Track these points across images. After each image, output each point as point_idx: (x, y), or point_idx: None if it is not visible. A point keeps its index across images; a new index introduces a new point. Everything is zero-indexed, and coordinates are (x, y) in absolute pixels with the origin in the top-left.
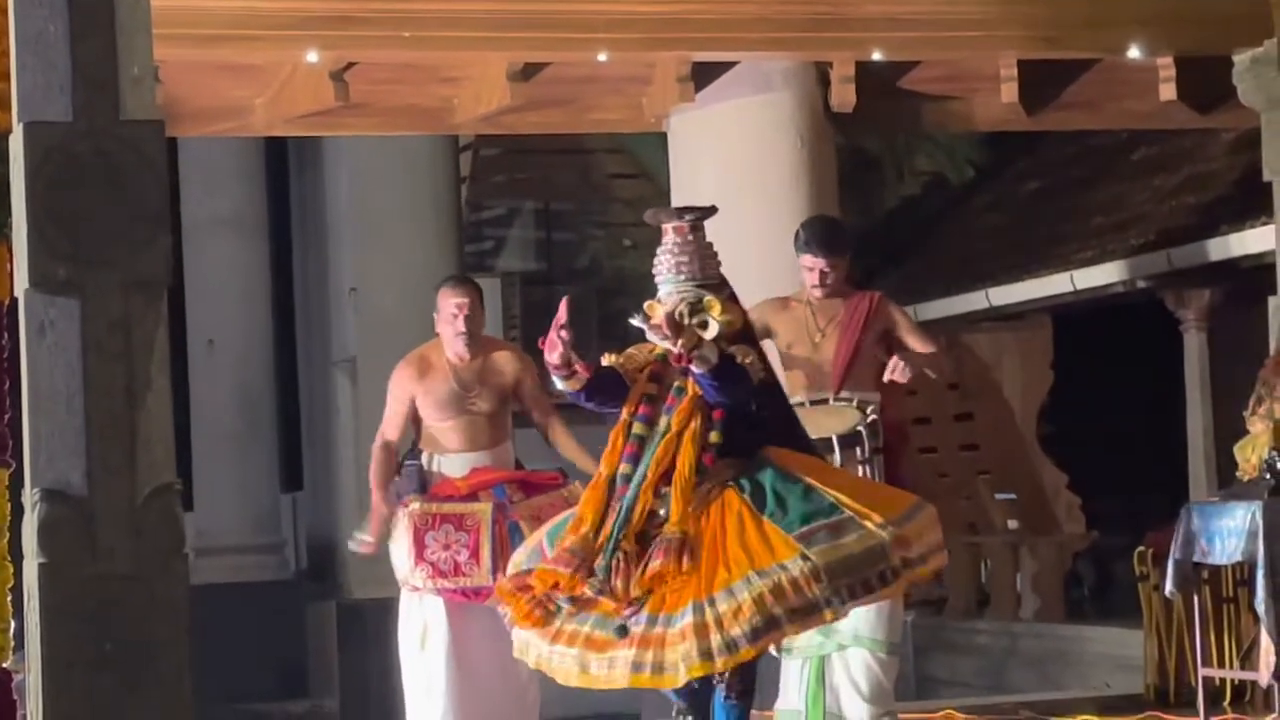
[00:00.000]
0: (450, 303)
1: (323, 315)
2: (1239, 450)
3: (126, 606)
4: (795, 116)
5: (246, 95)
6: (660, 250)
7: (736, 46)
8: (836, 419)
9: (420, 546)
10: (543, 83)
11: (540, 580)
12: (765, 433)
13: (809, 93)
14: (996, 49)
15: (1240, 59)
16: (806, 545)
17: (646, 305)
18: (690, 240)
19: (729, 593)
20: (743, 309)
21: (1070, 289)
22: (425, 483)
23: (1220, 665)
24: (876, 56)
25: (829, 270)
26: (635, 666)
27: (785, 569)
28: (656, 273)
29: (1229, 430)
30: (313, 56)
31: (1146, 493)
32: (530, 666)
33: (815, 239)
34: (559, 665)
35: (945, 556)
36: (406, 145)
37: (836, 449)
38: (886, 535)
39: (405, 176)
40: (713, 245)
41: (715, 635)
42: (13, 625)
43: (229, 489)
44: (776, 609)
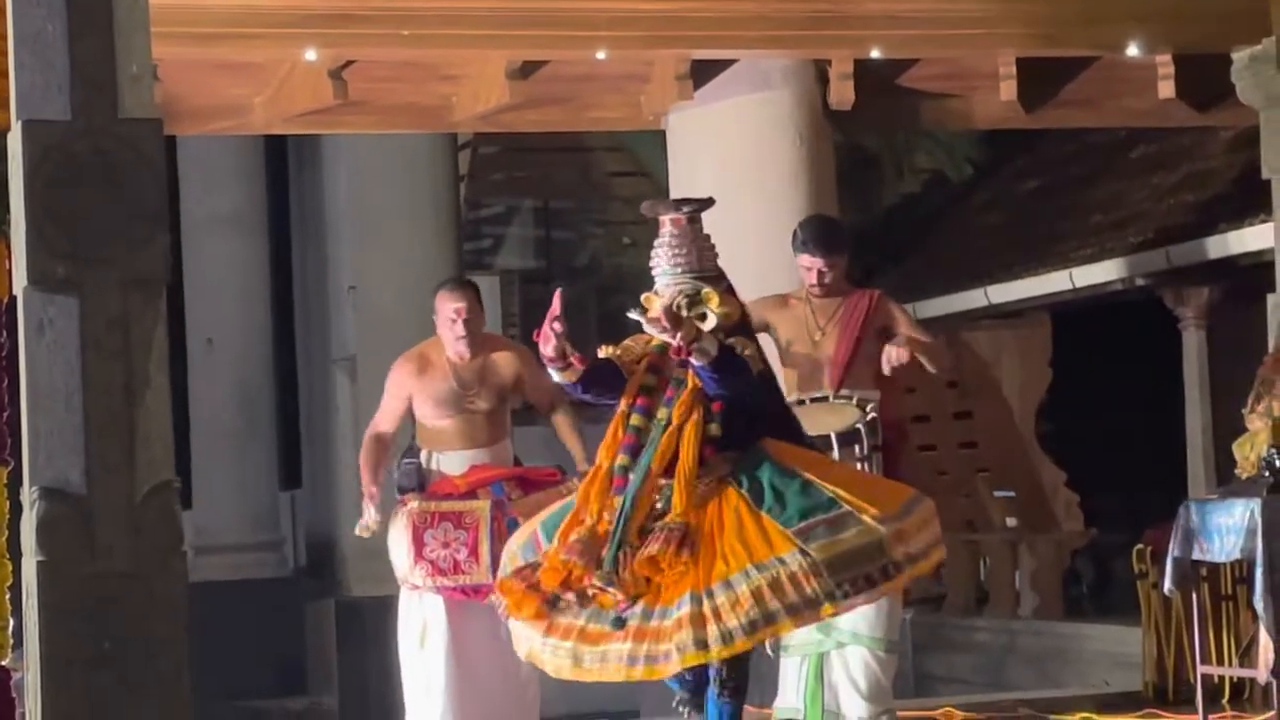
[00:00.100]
0: (449, 307)
1: (322, 313)
2: (1238, 448)
3: (125, 604)
4: (794, 114)
5: (245, 93)
6: (657, 243)
7: (735, 44)
8: (836, 417)
9: (419, 544)
10: (541, 81)
11: (551, 576)
12: (763, 425)
13: (808, 90)
14: (995, 47)
15: (1239, 57)
16: (805, 540)
17: (644, 298)
18: (687, 232)
19: (727, 585)
20: (740, 301)
21: (1069, 287)
22: (424, 481)
23: (1219, 663)
24: (875, 54)
25: (827, 270)
26: (629, 660)
27: (784, 563)
28: (654, 265)
29: (1228, 428)
30: (311, 55)
31: (1145, 490)
32: (521, 658)
33: (813, 239)
34: (551, 658)
35: (944, 550)
36: (405, 143)
37: (835, 447)
38: (885, 530)
39: (404, 174)
40: (710, 237)
41: (712, 626)
42: (12, 623)
43: (228, 487)
44: (774, 604)
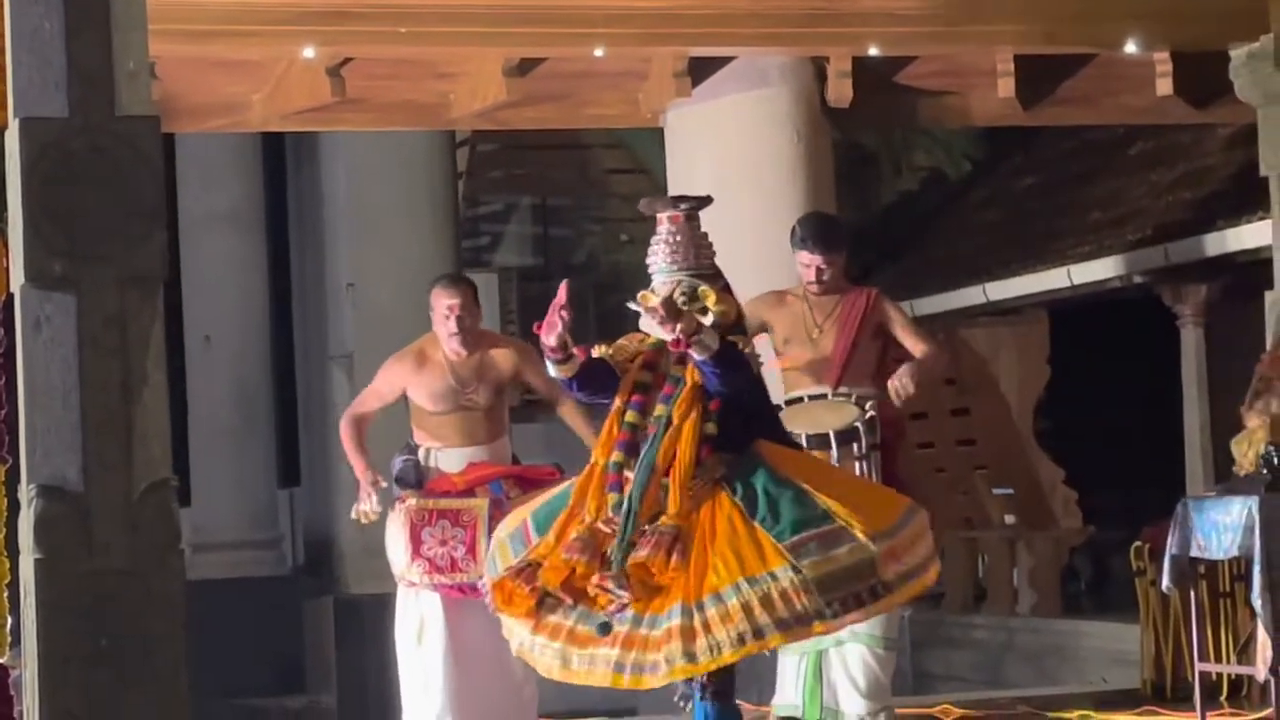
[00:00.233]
0: (443, 303)
1: (320, 310)
2: (1236, 445)
3: (123, 602)
4: (792, 112)
5: (243, 91)
6: (654, 240)
7: (733, 42)
8: (834, 415)
9: (416, 542)
10: (539, 78)
11: (553, 575)
12: (759, 426)
13: (805, 88)
14: (993, 44)
15: (1237, 54)
16: (797, 557)
17: (640, 295)
18: (685, 230)
19: (717, 598)
20: (736, 300)
21: (1067, 284)
22: (422, 478)
23: (1217, 660)
24: (873, 52)
25: (825, 266)
26: (616, 667)
27: (775, 579)
28: (650, 262)
29: (1226, 425)
30: (309, 52)
31: (1143, 488)
32: (513, 654)
33: (811, 235)
34: (540, 657)
35: (937, 569)
36: (403, 141)
37: (834, 445)
38: (877, 549)
39: (402, 172)
40: (707, 235)
41: (701, 638)
42: (10, 620)
43: (226, 484)
44: (764, 618)
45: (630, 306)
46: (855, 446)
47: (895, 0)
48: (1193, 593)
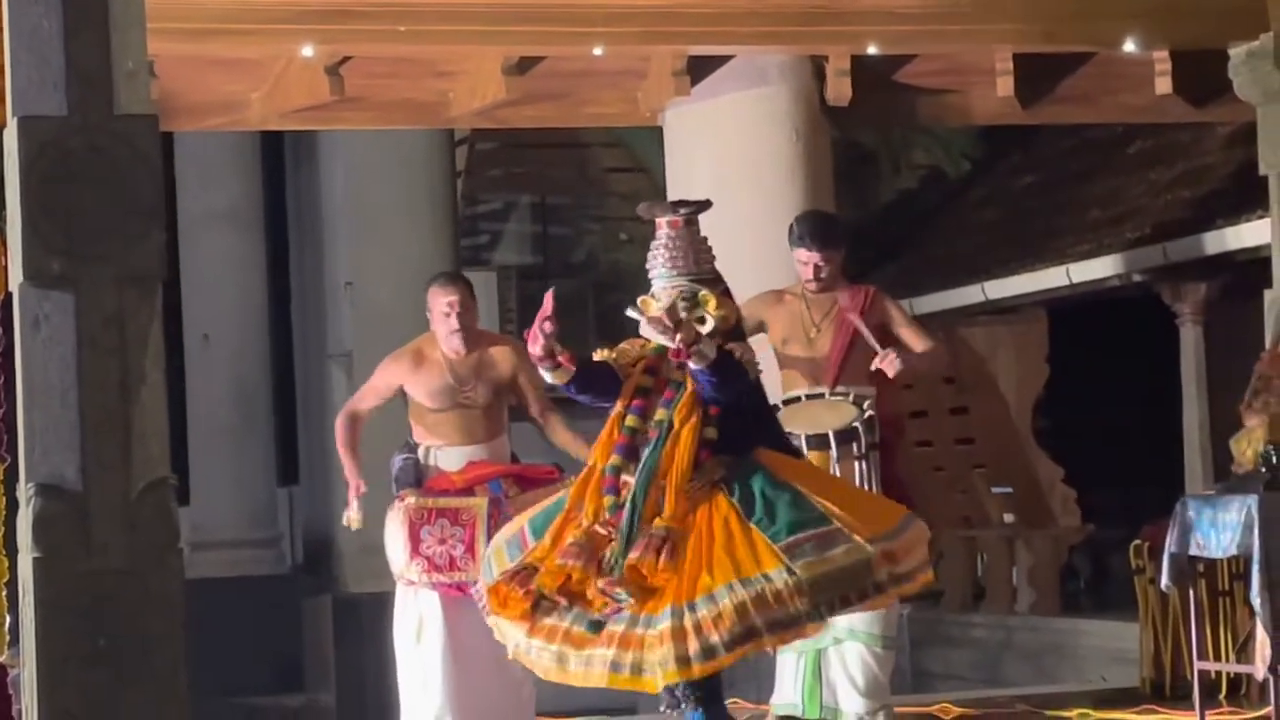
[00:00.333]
0: (441, 301)
1: (318, 309)
2: (1235, 444)
3: (121, 601)
4: (791, 110)
5: (242, 90)
6: (654, 244)
7: (732, 40)
8: (833, 414)
9: (415, 541)
10: (538, 76)
11: (551, 580)
12: (758, 430)
13: (804, 86)
14: (992, 43)
15: (1236, 53)
16: (792, 557)
17: (640, 301)
18: (684, 234)
19: (710, 599)
20: (735, 305)
21: (1066, 283)
22: (420, 477)
23: (1216, 659)
24: (872, 50)
25: (823, 264)
26: (614, 666)
27: (769, 580)
28: (650, 267)
29: (1225, 424)
30: (308, 51)
31: (1142, 486)
32: (509, 657)
33: (809, 233)
34: (537, 659)
35: (931, 574)
36: (402, 139)
37: (833, 444)
38: (873, 550)
39: (401, 171)
40: (707, 239)
41: (693, 641)
42: (8, 619)
43: (225, 483)
44: (757, 619)
45: (629, 314)
46: (854, 446)
47: None
48: (1192, 591)
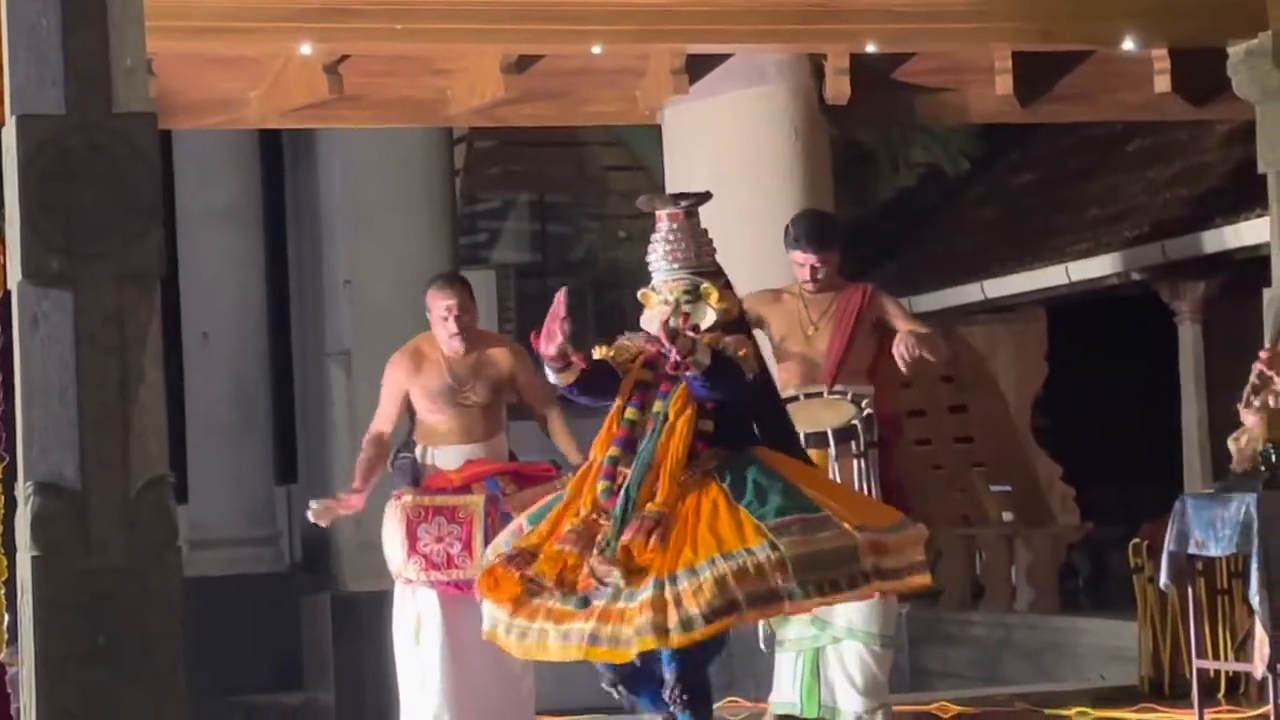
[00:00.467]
0: (440, 304)
1: (317, 307)
2: (1234, 442)
3: (120, 599)
4: (789, 109)
5: (240, 88)
6: (654, 238)
7: (730, 39)
8: (831, 413)
9: (413, 539)
10: (537, 75)
11: (548, 566)
12: (759, 424)
13: (803, 85)
14: (991, 41)
15: (1235, 51)
16: (777, 536)
17: (640, 294)
18: (685, 227)
19: (692, 572)
20: (737, 297)
21: (1065, 281)
22: (418, 475)
23: (1215, 657)
24: (871, 49)
25: (820, 265)
26: (591, 639)
27: (752, 553)
28: (650, 260)
29: (1224, 422)
30: (306, 49)
31: (1141, 484)
32: (483, 636)
33: (805, 234)
34: (516, 640)
35: (927, 578)
36: (401, 137)
37: (831, 443)
38: (860, 538)
39: (399, 169)
40: (708, 232)
41: (673, 611)
42: (7, 618)
43: (223, 481)
44: (737, 592)
45: (618, 345)
46: (853, 444)
47: None
48: (1190, 590)
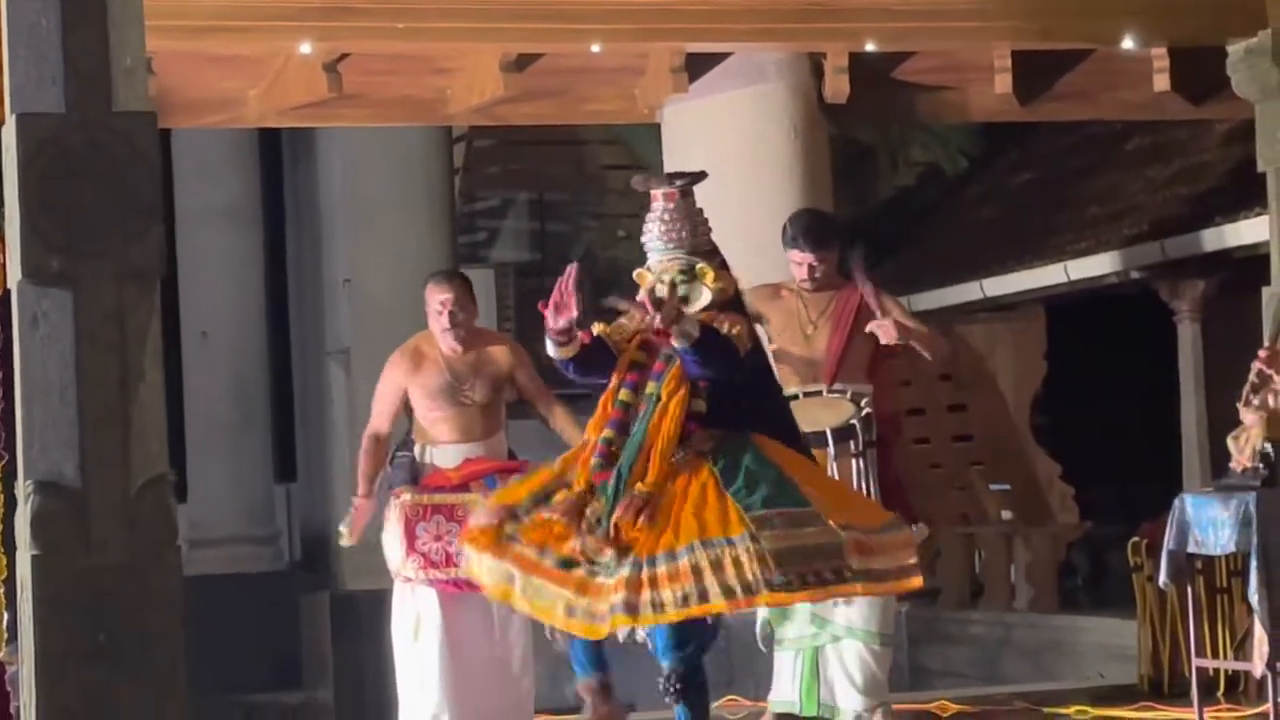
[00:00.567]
0: (437, 298)
1: (316, 306)
2: (1233, 440)
3: (120, 598)
4: (789, 107)
5: (240, 86)
6: (649, 218)
7: (729, 37)
8: (830, 412)
9: (411, 537)
10: (536, 74)
11: (533, 533)
12: (754, 405)
13: (802, 83)
14: (990, 39)
15: (1234, 50)
16: (759, 527)
17: (636, 274)
18: (680, 207)
19: (670, 556)
20: (734, 277)
21: (1064, 279)
22: (417, 474)
23: (1214, 655)
24: (870, 47)
25: (817, 264)
26: (567, 608)
27: (731, 544)
28: (646, 240)
29: (1223, 420)
30: (306, 48)
31: (1140, 483)
32: (461, 573)
33: (802, 234)
34: (489, 578)
35: (917, 581)
36: (400, 136)
37: (830, 442)
38: (845, 536)
39: (399, 167)
40: (703, 211)
41: (646, 592)
42: (6, 616)
43: (223, 480)
44: (710, 582)
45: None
46: (851, 443)
47: None
48: (1190, 588)
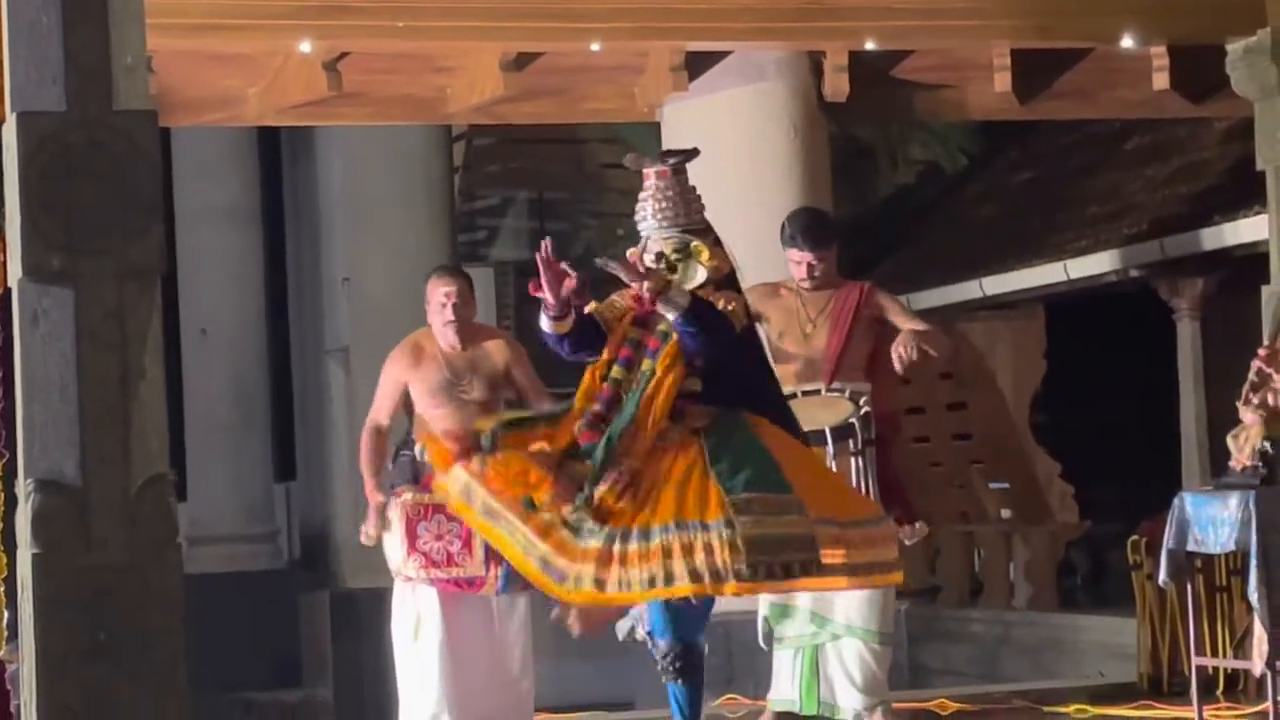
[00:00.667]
0: (439, 292)
1: (316, 304)
2: (1232, 439)
3: (121, 596)
4: (788, 106)
5: (240, 85)
6: (641, 196)
7: (729, 36)
8: (829, 411)
9: (412, 537)
10: (536, 72)
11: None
12: (748, 384)
13: (802, 82)
14: (990, 38)
15: (1233, 48)
16: (737, 512)
17: (629, 253)
18: (673, 184)
19: (644, 534)
20: (729, 255)
21: (1064, 278)
22: (418, 473)
23: (1213, 654)
24: (869, 46)
25: (816, 263)
26: (543, 565)
27: (706, 529)
28: (639, 218)
29: (1222, 419)
30: (306, 46)
31: (1140, 481)
32: (450, 503)
33: (801, 232)
34: (457, 490)
35: (898, 577)
36: (400, 135)
37: (830, 441)
38: (819, 530)
39: (398, 166)
40: (696, 189)
41: (615, 569)
42: (7, 615)
43: (222, 478)
44: (678, 566)
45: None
46: (850, 442)
47: None
48: (1189, 587)
